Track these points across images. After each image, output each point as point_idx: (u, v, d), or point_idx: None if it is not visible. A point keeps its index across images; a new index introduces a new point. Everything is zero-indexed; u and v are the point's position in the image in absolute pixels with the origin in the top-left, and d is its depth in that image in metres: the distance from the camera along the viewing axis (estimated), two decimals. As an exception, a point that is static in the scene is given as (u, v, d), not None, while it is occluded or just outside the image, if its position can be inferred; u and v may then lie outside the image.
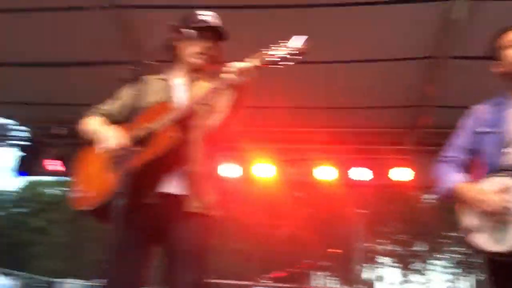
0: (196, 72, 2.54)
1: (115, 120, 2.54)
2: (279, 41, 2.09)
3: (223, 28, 2.53)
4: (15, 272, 19.93)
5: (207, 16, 2.52)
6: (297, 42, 2.09)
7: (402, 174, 7.43)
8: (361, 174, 7.55)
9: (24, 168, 8.39)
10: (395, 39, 5.26)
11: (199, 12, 2.53)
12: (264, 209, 22.76)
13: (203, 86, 2.46)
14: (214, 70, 2.61)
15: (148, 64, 2.08)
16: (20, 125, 8.75)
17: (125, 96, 2.56)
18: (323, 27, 5.19)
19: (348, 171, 7.64)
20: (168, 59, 2.57)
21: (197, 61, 2.50)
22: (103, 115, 2.58)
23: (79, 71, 6.40)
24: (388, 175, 7.54)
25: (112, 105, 2.60)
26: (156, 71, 2.45)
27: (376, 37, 5.27)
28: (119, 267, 2.04)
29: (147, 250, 2.34)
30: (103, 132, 2.39)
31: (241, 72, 2.12)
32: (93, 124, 2.54)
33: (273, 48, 2.11)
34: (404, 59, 5.58)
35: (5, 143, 8.85)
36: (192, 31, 2.41)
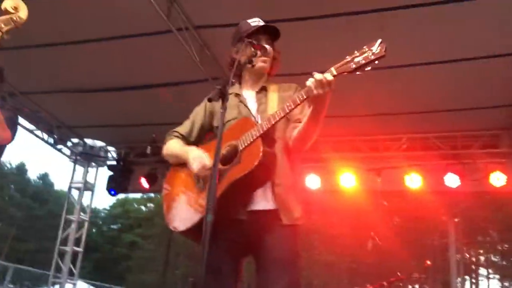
0: (262, 77, 2.52)
1: (193, 140, 2.56)
2: (364, 47, 1.99)
3: (275, 26, 2.49)
4: (110, 286, 21.00)
5: (256, 21, 2.50)
6: (379, 46, 1.98)
7: (498, 178, 6.88)
8: (452, 180, 7.05)
9: (114, 186, 8.82)
10: (486, 36, 4.93)
11: (247, 20, 2.53)
12: (348, 220, 22.28)
13: (274, 95, 2.44)
14: (280, 76, 2.58)
15: (229, 81, 2.06)
16: (108, 145, 9.25)
17: (200, 115, 2.58)
18: (405, 30, 5.00)
19: (437, 178, 7.18)
20: (237, 73, 2.55)
21: (260, 65, 2.44)
22: (181, 137, 2.59)
23: (162, 91, 6.63)
24: (483, 180, 7.00)
25: (188, 126, 2.59)
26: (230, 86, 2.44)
27: (464, 35, 4.97)
28: (211, 282, 2.03)
29: (238, 264, 2.34)
30: (187, 154, 2.41)
31: (321, 83, 2.04)
32: (175, 148, 2.56)
33: (356, 54, 2.01)
34: (498, 56, 5.20)
35: (96, 164, 9.39)
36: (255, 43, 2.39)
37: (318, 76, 2.03)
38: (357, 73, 2.01)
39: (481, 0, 4.50)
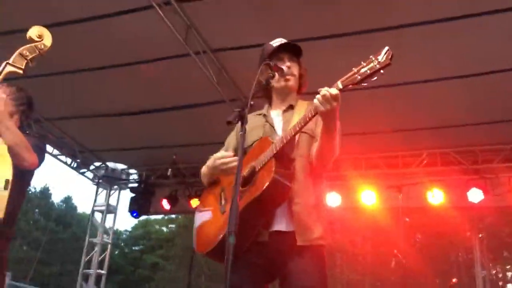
0: (289, 96, 2.52)
1: None
2: (370, 56, 1.97)
3: (295, 44, 2.51)
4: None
5: (278, 41, 2.52)
6: (385, 54, 1.94)
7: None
8: (475, 195, 6.95)
9: (136, 208, 8.91)
10: (503, 49, 4.95)
11: (271, 42, 2.54)
12: (369, 237, 21.97)
13: (301, 113, 2.37)
14: (306, 93, 2.59)
15: (248, 103, 2.08)
16: (130, 168, 9.38)
17: (232, 139, 2.62)
18: (422, 45, 5.02)
19: (459, 193, 7.10)
20: (263, 95, 2.58)
21: (282, 84, 2.46)
22: None
23: (181, 114, 6.74)
24: (506, 195, 6.88)
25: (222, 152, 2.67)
26: (255, 108, 2.47)
27: (482, 49, 4.99)
28: None
29: (262, 286, 2.31)
30: (209, 160, 2.47)
31: (327, 98, 2.05)
32: (205, 167, 2.57)
33: (362, 65, 1.98)
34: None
35: (118, 186, 9.52)
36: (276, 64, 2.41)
37: (323, 91, 2.02)
38: (364, 84, 1.97)
39: (497, 13, 4.51)
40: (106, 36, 5.37)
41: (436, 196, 7.16)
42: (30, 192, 33.63)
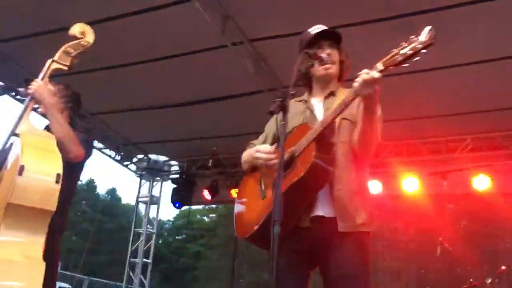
0: (330, 83, 2.47)
1: None
2: (411, 37, 1.92)
3: (334, 30, 2.46)
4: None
5: (316, 28, 2.46)
6: (428, 34, 1.88)
7: None
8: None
9: (178, 199, 9.09)
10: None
11: (309, 29, 2.48)
12: (412, 224, 21.56)
13: (339, 100, 2.31)
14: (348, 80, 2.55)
15: (288, 91, 2.07)
16: (171, 160, 9.55)
17: (271, 127, 2.62)
18: (465, 27, 4.86)
19: (507, 178, 6.90)
20: (304, 84, 2.57)
21: (322, 72, 2.42)
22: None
23: (220, 105, 6.79)
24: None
25: (262, 137, 2.65)
26: (295, 95, 2.45)
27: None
28: None
29: (305, 274, 2.31)
30: (250, 151, 2.49)
31: (367, 82, 1.98)
32: (245, 154, 2.61)
33: (403, 45, 1.93)
34: None
35: (160, 178, 9.72)
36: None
37: (363, 74, 1.99)
38: (405, 65, 1.92)
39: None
40: (145, 30, 5.46)
41: (482, 182, 6.96)
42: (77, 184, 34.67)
